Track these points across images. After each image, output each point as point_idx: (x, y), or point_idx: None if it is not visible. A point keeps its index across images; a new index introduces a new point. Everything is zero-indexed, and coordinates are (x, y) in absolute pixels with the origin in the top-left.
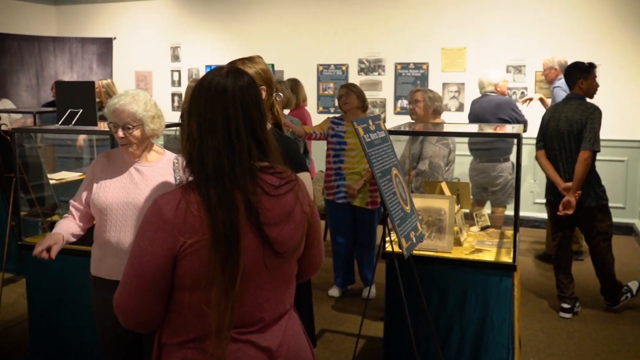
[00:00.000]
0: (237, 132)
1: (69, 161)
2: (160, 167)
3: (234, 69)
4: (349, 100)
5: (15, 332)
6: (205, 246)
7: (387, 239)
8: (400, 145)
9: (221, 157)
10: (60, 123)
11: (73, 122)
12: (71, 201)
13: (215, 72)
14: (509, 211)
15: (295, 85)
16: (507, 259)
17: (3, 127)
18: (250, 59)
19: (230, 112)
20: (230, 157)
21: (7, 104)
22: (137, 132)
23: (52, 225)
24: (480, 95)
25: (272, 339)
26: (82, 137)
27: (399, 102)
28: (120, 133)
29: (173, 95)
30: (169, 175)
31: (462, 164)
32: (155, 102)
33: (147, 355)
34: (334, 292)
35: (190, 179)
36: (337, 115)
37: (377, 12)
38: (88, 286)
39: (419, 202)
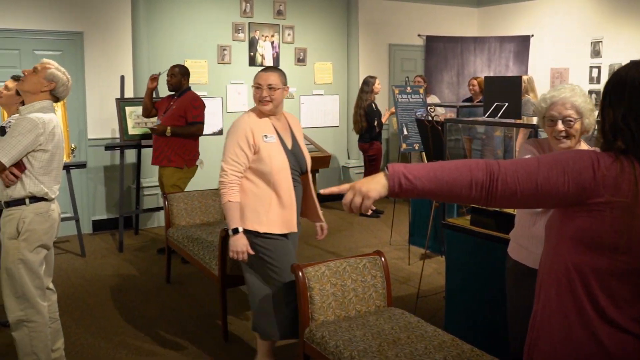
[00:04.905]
0: None
1: (478, 154)
2: None
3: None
4: None
5: (432, 301)
6: (615, 208)
7: None
8: None
9: None
10: (486, 116)
11: (498, 115)
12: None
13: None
14: None
15: None
16: None
17: (435, 118)
18: None
19: None
20: None
21: (433, 99)
22: (577, 125)
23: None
24: None
25: None
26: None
27: None
28: (560, 126)
29: (590, 92)
30: None
31: None
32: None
33: None
34: None
35: None
36: None
37: None
38: (500, 268)
39: None
